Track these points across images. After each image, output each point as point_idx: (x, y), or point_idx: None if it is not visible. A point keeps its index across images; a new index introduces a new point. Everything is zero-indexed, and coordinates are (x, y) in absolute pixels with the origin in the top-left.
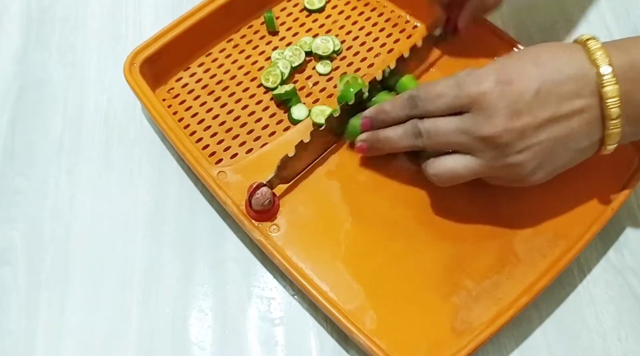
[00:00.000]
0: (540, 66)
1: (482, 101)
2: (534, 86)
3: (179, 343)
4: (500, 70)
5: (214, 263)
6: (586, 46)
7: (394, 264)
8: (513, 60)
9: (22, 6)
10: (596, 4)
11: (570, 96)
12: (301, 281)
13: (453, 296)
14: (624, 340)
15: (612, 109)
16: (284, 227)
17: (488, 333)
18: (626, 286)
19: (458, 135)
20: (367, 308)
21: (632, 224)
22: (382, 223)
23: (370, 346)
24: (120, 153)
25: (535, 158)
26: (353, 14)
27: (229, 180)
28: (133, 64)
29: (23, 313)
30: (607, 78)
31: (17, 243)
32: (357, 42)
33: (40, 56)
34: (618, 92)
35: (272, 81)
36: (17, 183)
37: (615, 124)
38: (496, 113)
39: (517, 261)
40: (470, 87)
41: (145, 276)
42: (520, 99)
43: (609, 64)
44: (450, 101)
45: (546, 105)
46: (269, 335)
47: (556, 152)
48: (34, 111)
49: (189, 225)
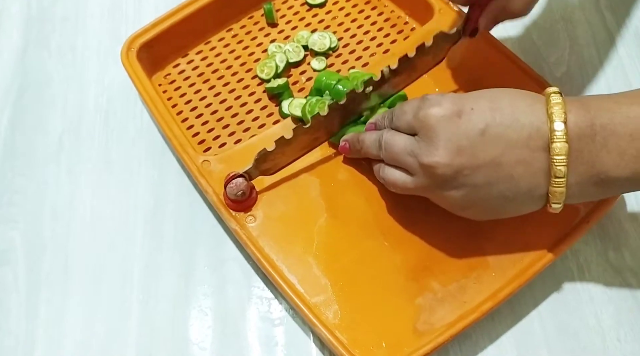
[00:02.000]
0: (496, 108)
1: (429, 127)
2: (481, 126)
3: (179, 343)
4: (455, 100)
5: (214, 263)
6: (548, 99)
7: (364, 262)
8: (473, 95)
9: (22, 6)
10: (596, 4)
11: (518, 144)
12: (271, 271)
13: (418, 297)
14: (623, 340)
15: (558, 166)
16: (260, 218)
17: (448, 335)
18: (625, 286)
19: (404, 155)
20: (332, 303)
21: (631, 224)
22: (356, 222)
23: (331, 340)
24: (120, 153)
25: (467, 197)
26: (353, 11)
27: (212, 169)
28: (130, 48)
29: (23, 313)
30: (558, 134)
31: (16, 243)
32: (354, 40)
33: (40, 56)
34: (566, 151)
35: (266, 73)
36: (17, 183)
37: (560, 182)
38: (438, 144)
39: (487, 266)
40: (423, 110)
41: (145, 275)
42: (465, 135)
43: (564, 120)
44: (408, 121)
45: (490, 147)
46: (269, 335)
47: (491, 196)
48: (33, 110)
49: (189, 225)
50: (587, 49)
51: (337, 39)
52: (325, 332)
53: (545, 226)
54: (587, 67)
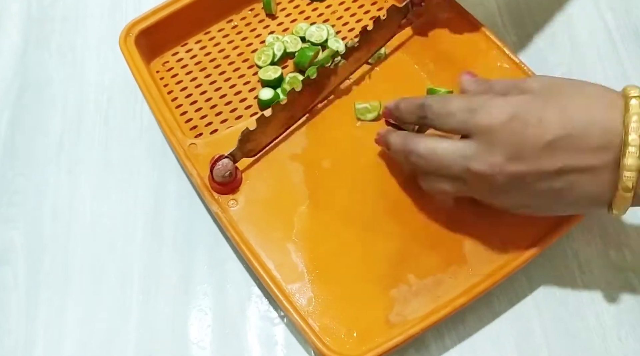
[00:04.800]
0: (567, 115)
1: (489, 134)
2: (549, 137)
3: (179, 343)
4: (520, 108)
5: (214, 262)
6: (627, 105)
7: (342, 252)
8: (540, 100)
9: (22, 6)
10: (596, 4)
11: (588, 153)
12: (248, 256)
13: (393, 289)
14: (624, 340)
15: (627, 182)
16: (242, 202)
17: (419, 328)
18: (627, 285)
19: (455, 161)
20: (307, 290)
21: (632, 223)
22: (337, 211)
23: (303, 326)
24: (120, 153)
25: (525, 200)
26: (353, 5)
27: (198, 152)
28: (129, 34)
29: (23, 313)
30: (632, 150)
31: (16, 243)
32: (352, 34)
33: (40, 56)
34: (637, 167)
35: (263, 60)
36: (16, 183)
37: (627, 196)
38: (497, 150)
39: (464, 262)
40: (482, 117)
41: (145, 275)
42: (529, 145)
43: (639, 134)
44: (457, 124)
45: (558, 156)
46: (269, 335)
47: (552, 201)
48: (33, 110)
49: (189, 225)
50: (587, 49)
51: (335, 32)
52: (297, 318)
53: (527, 226)
54: (587, 67)
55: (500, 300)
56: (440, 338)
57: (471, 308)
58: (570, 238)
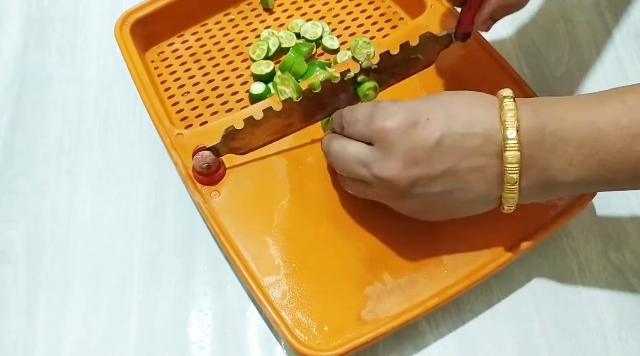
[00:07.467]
0: (452, 116)
1: (384, 138)
2: (437, 135)
3: (179, 343)
4: (409, 109)
5: (214, 262)
6: (501, 104)
7: (319, 247)
8: (427, 103)
9: (22, 6)
10: (596, 4)
11: (473, 152)
12: (227, 247)
13: (368, 287)
14: (624, 340)
15: (510, 174)
16: (224, 194)
17: (390, 326)
18: (626, 285)
19: (358, 166)
20: (282, 284)
21: (632, 223)
22: (317, 207)
23: (275, 319)
24: (120, 153)
25: (424, 204)
26: (350, 4)
27: (185, 142)
28: (125, 23)
29: (23, 313)
30: (510, 143)
31: (16, 243)
32: (347, 32)
33: (40, 56)
34: (518, 159)
35: (257, 54)
36: (16, 183)
37: (512, 188)
38: (394, 155)
39: (440, 263)
40: (377, 121)
41: (145, 276)
42: (420, 146)
43: (516, 128)
44: (360, 130)
45: (446, 157)
46: (269, 335)
47: (448, 203)
48: (33, 110)
49: (188, 225)
50: (587, 49)
51: (331, 29)
52: (270, 310)
53: (504, 230)
54: (587, 67)
55: (500, 300)
56: (441, 338)
57: (471, 308)
58: (570, 237)
